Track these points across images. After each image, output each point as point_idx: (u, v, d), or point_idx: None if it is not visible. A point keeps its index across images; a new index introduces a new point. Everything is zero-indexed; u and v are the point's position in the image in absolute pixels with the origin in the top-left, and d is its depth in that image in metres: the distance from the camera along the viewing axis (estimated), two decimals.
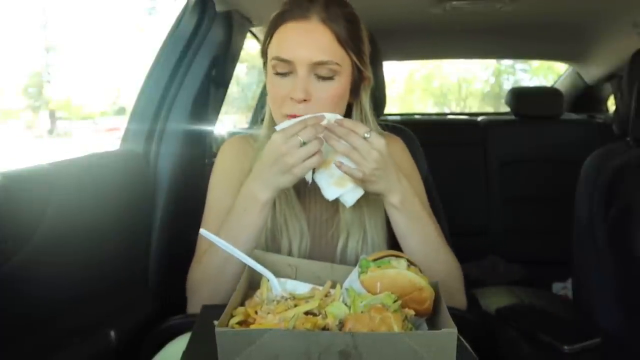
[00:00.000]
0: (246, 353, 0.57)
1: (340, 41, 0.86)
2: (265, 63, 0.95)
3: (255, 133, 1.03)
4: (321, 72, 0.85)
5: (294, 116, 0.85)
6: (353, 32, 0.89)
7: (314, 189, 0.95)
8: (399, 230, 0.90)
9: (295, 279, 0.80)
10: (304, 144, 0.79)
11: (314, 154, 0.79)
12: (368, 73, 0.93)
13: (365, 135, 0.80)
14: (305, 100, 0.85)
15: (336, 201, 0.88)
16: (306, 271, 0.81)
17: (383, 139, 0.82)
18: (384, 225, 0.98)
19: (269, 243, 0.95)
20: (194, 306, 0.92)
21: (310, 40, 0.85)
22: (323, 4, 0.86)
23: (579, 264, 1.13)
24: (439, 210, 1.16)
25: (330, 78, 0.86)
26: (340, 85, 0.88)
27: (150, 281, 1.09)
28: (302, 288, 0.77)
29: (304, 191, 0.99)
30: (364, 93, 0.95)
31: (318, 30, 0.85)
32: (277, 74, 0.87)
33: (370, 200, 0.95)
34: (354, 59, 0.89)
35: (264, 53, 0.93)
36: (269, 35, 0.89)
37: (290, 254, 0.94)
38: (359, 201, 0.88)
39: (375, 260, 0.71)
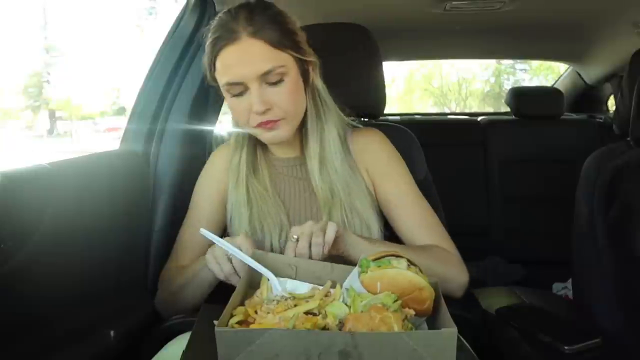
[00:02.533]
0: (246, 353, 0.57)
1: (275, 46, 0.89)
2: (217, 87, 0.98)
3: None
4: (271, 79, 0.89)
5: (265, 124, 0.92)
6: (284, 31, 0.91)
7: (291, 182, 1.03)
8: None
9: (295, 278, 0.80)
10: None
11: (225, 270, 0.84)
12: (310, 57, 0.96)
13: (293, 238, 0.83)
14: (267, 110, 0.90)
15: (322, 180, 0.99)
16: (306, 271, 0.81)
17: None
18: (373, 204, 1.01)
19: None
20: (158, 298, 1.02)
21: (249, 57, 0.88)
22: (246, 19, 0.89)
23: (579, 264, 1.13)
24: (439, 210, 1.15)
25: (280, 81, 0.90)
26: (292, 82, 0.92)
27: (150, 281, 1.09)
28: (302, 288, 0.77)
29: (283, 186, 1.03)
30: (314, 74, 0.98)
31: (252, 45, 0.88)
32: (234, 96, 0.92)
33: (356, 181, 1.00)
34: (294, 54, 0.92)
35: (213, 79, 0.96)
36: (211, 63, 0.93)
37: (272, 247, 0.96)
38: (345, 181, 0.98)
39: (375, 259, 0.71)
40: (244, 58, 0.88)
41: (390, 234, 1.03)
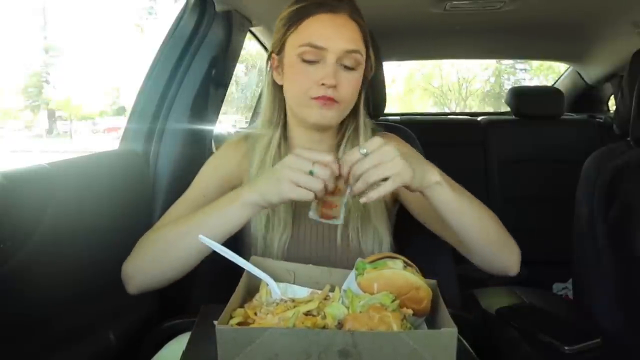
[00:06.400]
0: (246, 351, 0.57)
1: (363, 36, 0.94)
2: (269, 56, 0.97)
3: (255, 131, 1.04)
4: (348, 61, 0.91)
5: (324, 98, 0.90)
6: (366, 27, 0.95)
7: None
8: (452, 211, 0.87)
9: (293, 284, 0.80)
10: (311, 173, 0.76)
11: (311, 190, 0.76)
12: (371, 72, 0.99)
13: (362, 151, 0.76)
14: (334, 87, 0.90)
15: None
16: (304, 276, 0.80)
17: (375, 137, 0.79)
18: (386, 219, 1.01)
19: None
20: (128, 264, 0.90)
21: (341, 31, 0.91)
22: (349, 1, 0.93)
23: (579, 264, 1.13)
24: None
25: (353, 68, 0.92)
26: (360, 76, 0.94)
27: None
28: (300, 293, 0.77)
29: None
30: (362, 91, 1.00)
31: (348, 23, 0.92)
32: (305, 61, 0.91)
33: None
34: (370, 54, 0.96)
35: (279, 45, 0.94)
36: (291, 26, 0.92)
37: (276, 251, 0.95)
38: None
39: (371, 262, 0.71)
40: (337, 30, 0.90)
41: (399, 248, 1.02)
